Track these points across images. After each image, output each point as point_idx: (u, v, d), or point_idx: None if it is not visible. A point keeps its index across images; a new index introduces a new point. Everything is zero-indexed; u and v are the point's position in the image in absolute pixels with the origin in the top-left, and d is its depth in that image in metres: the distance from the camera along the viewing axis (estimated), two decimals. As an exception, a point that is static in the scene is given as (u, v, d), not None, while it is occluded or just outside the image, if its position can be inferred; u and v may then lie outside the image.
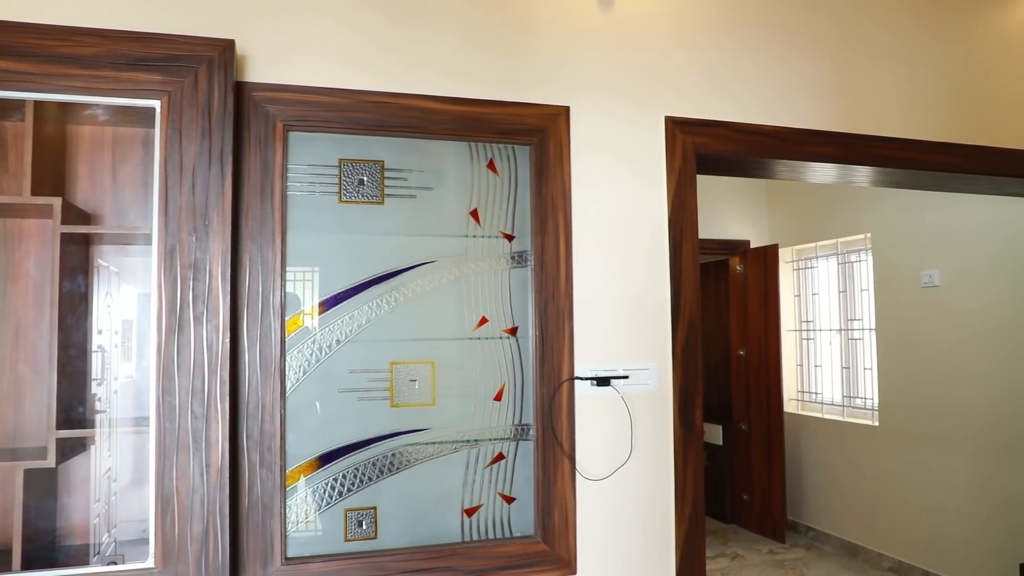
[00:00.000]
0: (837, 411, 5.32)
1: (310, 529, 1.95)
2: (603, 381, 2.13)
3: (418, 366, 2.04)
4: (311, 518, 1.95)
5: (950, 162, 2.68)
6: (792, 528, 5.59)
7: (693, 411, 2.23)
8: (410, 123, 2.03)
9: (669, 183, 2.26)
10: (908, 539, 4.59)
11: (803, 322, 5.71)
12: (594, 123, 2.21)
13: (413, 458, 2.03)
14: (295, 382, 1.95)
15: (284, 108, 1.94)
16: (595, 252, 2.19)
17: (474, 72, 2.11)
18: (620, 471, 2.17)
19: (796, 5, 2.53)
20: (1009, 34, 2.91)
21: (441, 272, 2.07)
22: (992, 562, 3.98)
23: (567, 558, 2.09)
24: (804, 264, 5.68)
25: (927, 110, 2.70)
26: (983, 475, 4.06)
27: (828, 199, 5.26)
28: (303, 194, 1.99)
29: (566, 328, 2.11)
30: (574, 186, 2.17)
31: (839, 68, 2.57)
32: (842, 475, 5.15)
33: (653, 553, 2.21)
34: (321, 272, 1.99)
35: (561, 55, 2.20)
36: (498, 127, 2.09)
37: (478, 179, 2.12)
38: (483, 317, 2.10)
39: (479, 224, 2.11)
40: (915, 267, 4.51)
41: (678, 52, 2.35)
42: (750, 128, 2.38)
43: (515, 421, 2.11)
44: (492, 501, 2.09)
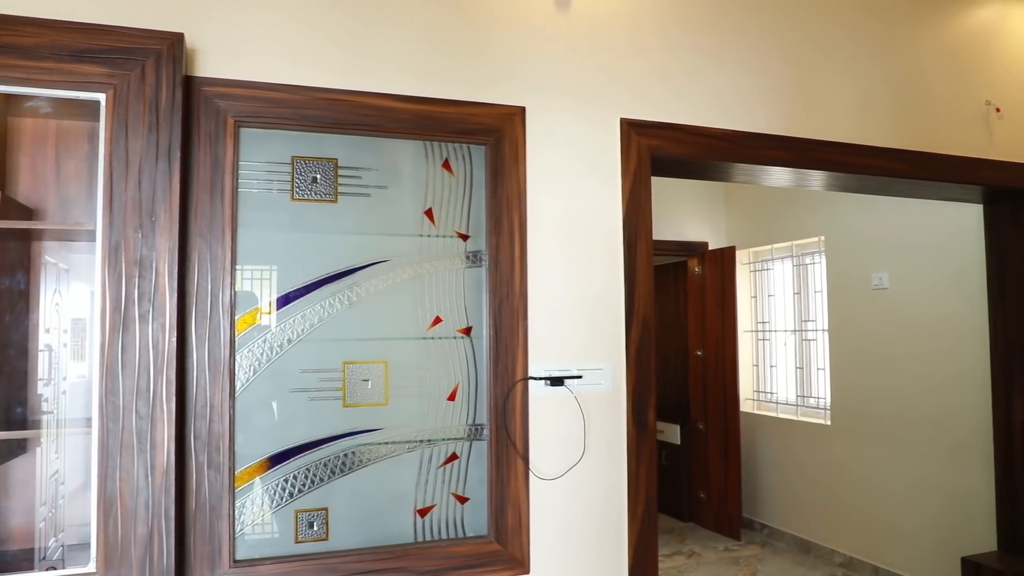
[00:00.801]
0: (791, 411, 5.42)
1: (260, 531, 1.92)
2: (557, 381, 2.14)
3: (371, 366, 2.03)
4: (261, 520, 1.93)
5: (895, 167, 2.75)
6: (748, 526, 5.68)
7: (646, 411, 2.25)
8: (365, 121, 2.01)
9: (624, 184, 2.28)
10: (858, 535, 4.70)
11: (759, 323, 5.81)
12: (550, 124, 2.22)
13: (366, 458, 2.02)
14: (245, 382, 1.92)
15: (235, 104, 1.91)
16: (550, 252, 2.20)
17: (430, 71, 2.11)
18: (573, 470, 2.18)
19: (750, 11, 2.57)
20: (952, 45, 3.00)
21: (395, 271, 2.06)
22: (937, 555, 4.10)
23: (520, 557, 2.09)
24: (760, 266, 5.78)
25: (874, 116, 2.77)
26: (929, 471, 4.18)
27: (784, 202, 5.36)
28: (255, 191, 1.96)
29: (520, 328, 2.11)
30: (529, 186, 2.17)
31: (790, 74, 2.62)
32: (796, 474, 5.25)
33: (606, 551, 2.22)
34: (273, 271, 1.97)
35: (517, 55, 2.21)
36: (454, 126, 2.09)
37: (433, 178, 2.12)
38: (437, 317, 2.09)
39: (434, 224, 2.11)
40: (866, 270, 4.62)
41: (634, 54, 2.37)
42: (704, 131, 2.41)
43: (469, 421, 2.11)
44: (445, 501, 2.08)
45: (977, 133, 3.01)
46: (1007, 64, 3.12)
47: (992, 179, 3.01)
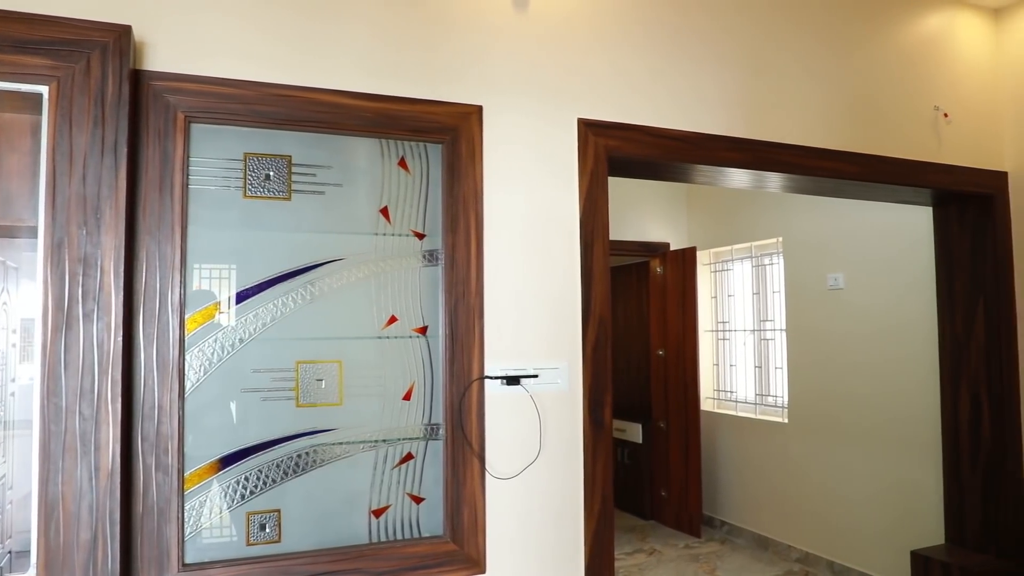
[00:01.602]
0: (750, 409, 5.50)
1: (210, 534, 1.89)
2: (513, 380, 2.15)
3: (325, 365, 2.01)
4: (211, 522, 1.89)
5: (847, 170, 2.81)
6: (708, 523, 5.75)
7: (602, 409, 2.27)
8: (319, 118, 1.99)
9: (581, 184, 2.29)
10: (814, 531, 4.78)
11: (719, 323, 5.88)
12: (507, 123, 2.22)
13: (319, 459, 2.00)
14: (196, 382, 1.89)
15: (186, 99, 1.88)
16: (507, 252, 2.20)
17: (386, 69, 2.09)
18: (529, 469, 2.18)
19: (708, 15, 2.60)
20: (904, 50, 3.07)
21: (350, 270, 2.05)
22: (888, 549, 4.19)
23: (476, 557, 2.09)
24: (720, 266, 5.86)
25: (827, 120, 2.83)
26: (881, 468, 4.27)
27: (743, 204, 5.44)
28: (206, 188, 1.92)
29: (477, 327, 2.11)
30: (486, 186, 2.17)
31: (746, 77, 2.66)
32: (755, 471, 5.33)
33: (562, 550, 2.23)
34: (224, 269, 1.93)
35: (475, 54, 2.21)
36: (410, 125, 2.08)
37: (389, 177, 2.10)
38: (392, 316, 2.08)
39: (389, 222, 2.09)
40: (822, 270, 4.71)
41: (591, 55, 2.38)
42: (661, 132, 2.44)
43: (425, 421, 2.10)
44: (400, 501, 2.07)
45: (926, 137, 3.09)
46: (955, 71, 3.21)
47: (940, 182, 3.09)
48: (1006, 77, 3.32)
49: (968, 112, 3.23)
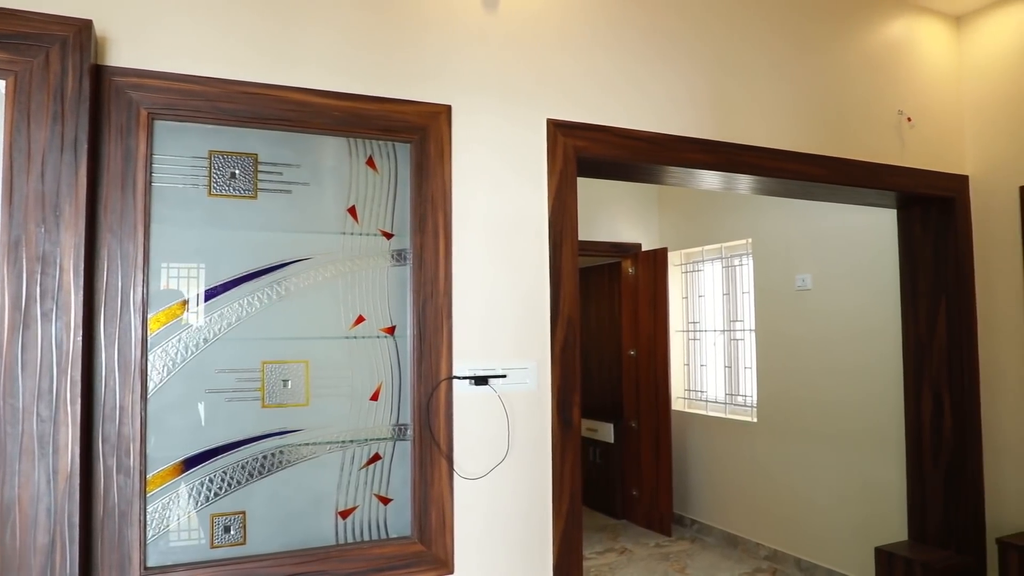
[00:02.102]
0: (720, 409, 5.56)
1: (173, 537, 1.86)
2: (481, 380, 2.15)
3: (291, 365, 1.99)
4: (175, 525, 1.87)
5: (814, 172, 2.85)
6: (678, 522, 5.79)
7: (571, 409, 2.28)
8: (286, 116, 1.97)
9: (550, 184, 2.30)
10: (782, 529, 4.85)
11: (690, 323, 5.93)
12: (476, 123, 2.22)
13: (285, 460, 1.98)
14: (158, 382, 1.86)
15: (149, 95, 1.85)
16: (475, 251, 2.20)
17: (355, 67, 2.08)
18: (497, 469, 2.18)
19: (676, 16, 2.63)
20: (869, 55, 3.12)
21: (317, 270, 2.03)
22: (853, 546, 4.26)
23: (444, 558, 2.09)
24: (691, 267, 5.91)
25: (794, 123, 2.87)
26: (847, 466, 4.34)
27: (714, 205, 5.49)
28: (170, 186, 1.90)
29: (445, 327, 2.11)
30: (455, 185, 2.17)
31: (715, 80, 2.68)
32: (725, 470, 5.38)
33: (531, 549, 2.23)
34: (189, 268, 1.91)
35: (444, 54, 2.20)
36: (378, 124, 2.07)
37: (357, 176, 2.09)
38: (360, 316, 2.07)
39: (357, 221, 2.08)
40: (790, 271, 4.77)
41: (561, 56, 2.39)
42: (630, 133, 2.45)
43: (392, 421, 2.09)
44: (368, 502, 2.06)
45: (890, 141, 3.14)
46: (918, 76, 3.27)
47: (903, 185, 3.15)
48: (967, 83, 3.40)
49: (931, 117, 3.29)
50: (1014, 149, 3.21)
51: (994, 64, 3.29)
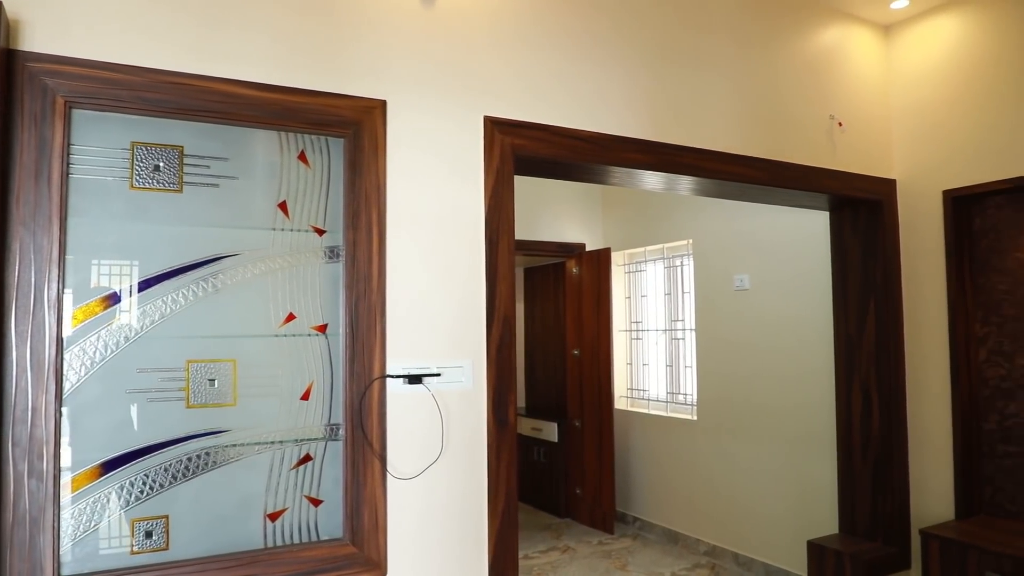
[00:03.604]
0: (662, 407, 5.63)
1: (91, 543, 1.79)
2: (415, 379, 2.12)
3: (218, 364, 1.93)
4: (92, 531, 1.79)
5: (748, 174, 2.91)
6: (621, 519, 5.85)
7: (507, 408, 2.27)
8: (214, 108, 1.91)
9: (487, 183, 2.29)
10: (721, 524, 4.94)
11: (633, 323, 6.00)
12: (412, 119, 2.20)
13: (212, 462, 1.92)
14: (75, 382, 1.78)
15: (66, 82, 1.77)
16: (410, 249, 2.17)
17: (287, 59, 2.03)
18: (432, 469, 2.16)
19: (616, 17, 2.64)
20: (803, 61, 3.20)
21: (245, 266, 1.98)
22: (788, 540, 4.37)
23: (377, 559, 2.06)
24: (634, 267, 5.97)
25: (730, 125, 2.92)
26: (782, 462, 4.44)
27: (656, 206, 5.56)
28: (89, 178, 1.82)
29: (378, 325, 2.08)
30: (390, 182, 2.14)
31: (653, 80, 2.71)
32: (666, 467, 5.45)
33: (466, 549, 2.22)
34: (109, 263, 1.83)
35: (380, 48, 2.17)
36: (310, 117, 2.03)
37: (288, 170, 2.04)
38: (290, 313, 2.02)
39: (288, 217, 2.03)
40: (729, 272, 4.87)
41: (500, 53, 2.38)
42: (568, 132, 2.46)
43: (324, 421, 2.05)
44: (298, 504, 2.01)
45: (822, 145, 3.23)
46: (849, 83, 3.37)
47: (834, 188, 3.23)
48: (895, 90, 3.51)
49: (860, 122, 3.39)
50: (938, 155, 3.33)
51: (920, 73, 3.41)
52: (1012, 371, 3.11)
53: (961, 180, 3.22)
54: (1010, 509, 3.11)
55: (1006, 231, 3.14)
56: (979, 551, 2.77)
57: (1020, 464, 3.07)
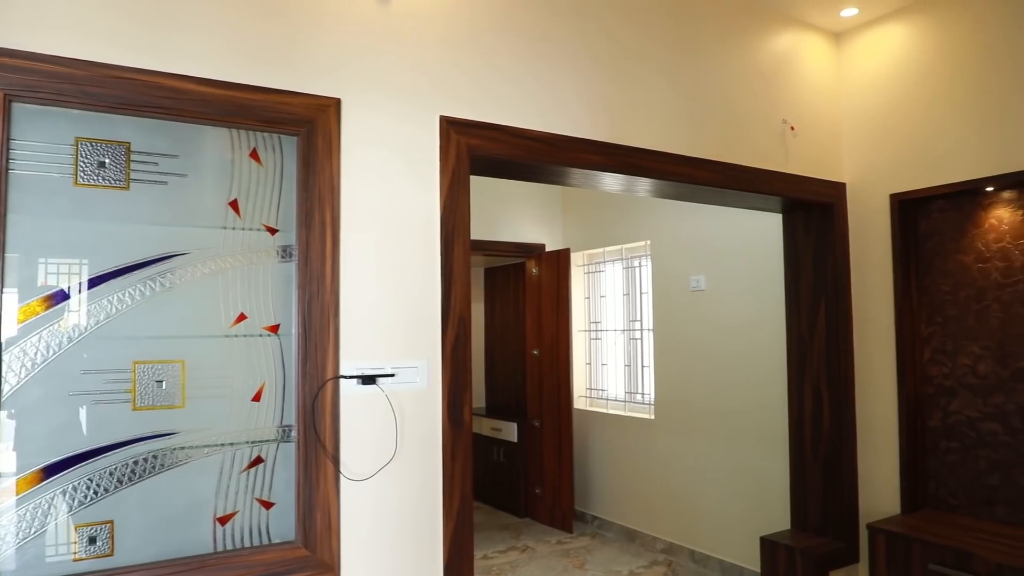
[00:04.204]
0: (620, 407, 5.68)
1: (31, 551, 1.74)
2: (369, 380, 2.10)
3: (166, 365, 1.89)
4: (33, 538, 1.74)
5: (702, 176, 2.95)
6: (580, 518, 5.88)
7: (462, 408, 2.26)
8: (162, 104, 1.87)
9: (442, 182, 2.28)
10: (677, 522, 5.00)
11: (592, 323, 6.04)
12: (367, 117, 2.18)
13: (159, 465, 1.88)
14: (15, 384, 1.73)
15: (7, 75, 1.72)
16: (365, 249, 2.15)
17: (238, 55, 2.00)
18: (386, 470, 2.15)
19: (572, 20, 2.66)
20: (757, 65, 3.26)
21: (195, 265, 1.94)
22: (742, 536, 4.44)
23: (330, 562, 2.03)
24: (593, 268, 6.02)
25: (684, 127, 2.96)
26: (737, 460, 4.52)
27: (615, 207, 5.61)
28: (30, 174, 1.77)
29: (331, 326, 2.05)
30: (344, 180, 2.12)
31: (608, 82, 2.73)
32: (624, 466, 5.50)
33: (421, 550, 2.21)
34: (52, 262, 1.78)
35: (334, 46, 2.15)
36: (263, 115, 2.00)
37: (239, 168, 2.01)
38: (241, 313, 1.99)
39: (239, 216, 2.00)
40: (685, 273, 4.93)
41: (456, 53, 2.38)
42: (524, 133, 2.46)
43: (276, 422, 2.03)
44: (249, 507, 1.98)
45: (775, 148, 3.29)
46: (801, 88, 3.44)
47: (787, 191, 3.30)
48: (845, 96, 3.60)
49: (812, 126, 3.47)
50: (886, 159, 3.42)
51: (869, 79, 3.50)
52: (954, 370, 3.21)
53: (907, 184, 3.31)
54: (952, 503, 3.21)
55: (949, 234, 3.24)
56: (922, 544, 2.85)
57: (961, 460, 3.18)
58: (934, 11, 3.24)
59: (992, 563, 2.63)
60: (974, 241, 3.15)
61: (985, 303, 3.11)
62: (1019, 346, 2.99)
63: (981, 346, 3.12)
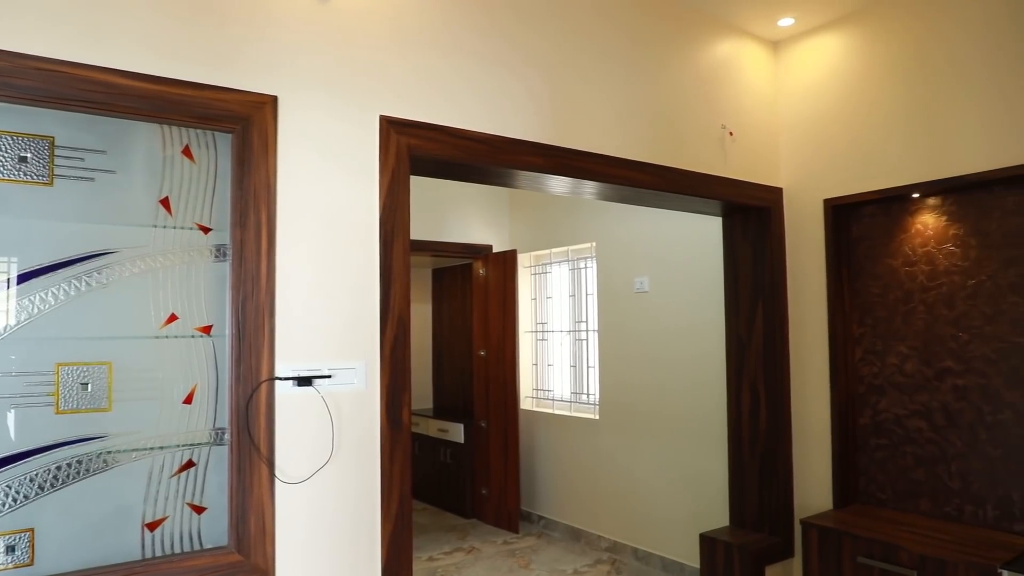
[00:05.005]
0: (566, 407, 5.73)
1: (-55, 560, 1.67)
2: (305, 381, 2.08)
3: (92, 367, 1.84)
4: (-54, 547, 1.67)
5: (642, 179, 3.00)
6: (526, 518, 5.91)
7: (400, 409, 2.25)
8: (89, 98, 1.81)
9: (382, 182, 2.27)
10: (621, 521, 5.06)
11: (538, 324, 6.07)
12: (305, 116, 2.15)
13: (84, 470, 1.82)
14: (-73, 388, 1.66)
15: (-81, 65, 1.64)
16: (301, 248, 2.12)
17: (170, 49, 1.95)
18: (323, 473, 2.12)
19: (513, 21, 2.67)
20: (697, 72, 3.33)
21: (123, 264, 1.88)
22: (684, 533, 4.52)
23: (264, 566, 2.00)
24: (540, 269, 6.05)
25: (625, 131, 3.00)
26: (679, 458, 4.60)
27: (562, 209, 5.65)
28: (-55, 168, 1.70)
29: (266, 326, 2.02)
30: (280, 179, 2.09)
31: (550, 85, 2.75)
32: (570, 466, 5.55)
33: (359, 552, 2.19)
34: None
35: (272, 43, 2.11)
36: (196, 111, 1.95)
37: (171, 165, 1.96)
38: (172, 314, 1.94)
39: (171, 214, 1.95)
40: (630, 274, 5.00)
41: (396, 53, 2.36)
42: (465, 134, 2.46)
43: (209, 425, 1.98)
44: (179, 512, 1.94)
45: (714, 153, 3.36)
46: (740, 94, 3.52)
47: (726, 195, 3.37)
48: (782, 103, 3.70)
49: (750, 132, 3.55)
50: (820, 166, 3.52)
51: (805, 88, 3.60)
52: (883, 369, 3.33)
53: (840, 190, 3.42)
54: (881, 498, 3.32)
55: (879, 239, 3.36)
56: (852, 538, 2.95)
57: (889, 456, 3.29)
58: (867, 23, 3.35)
59: (916, 555, 2.73)
60: (902, 245, 3.27)
61: (912, 305, 3.23)
62: (942, 346, 3.11)
63: (908, 346, 3.24)
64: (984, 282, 2.99)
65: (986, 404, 2.97)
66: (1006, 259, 2.93)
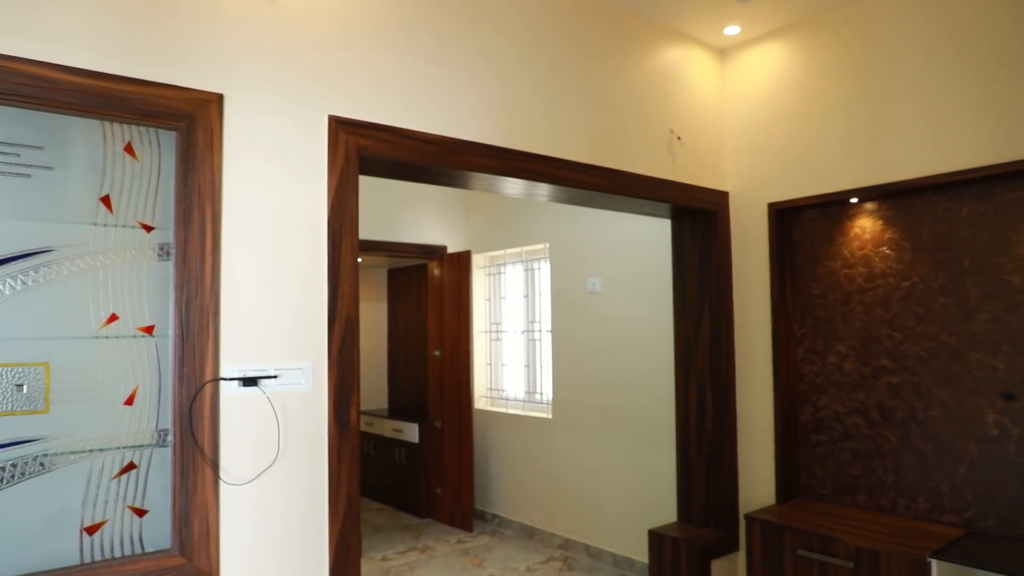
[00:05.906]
0: (520, 406, 5.76)
1: None
2: (251, 381, 2.06)
3: (27, 368, 1.80)
4: None
5: (593, 182, 3.04)
6: (480, 517, 5.92)
7: (348, 409, 2.25)
8: (23, 92, 1.78)
9: (330, 182, 2.26)
10: (573, 518, 5.12)
11: (493, 324, 6.10)
12: (252, 114, 2.14)
13: (19, 474, 1.78)
14: None
15: None
16: (247, 248, 2.11)
17: (111, 44, 1.91)
18: (269, 474, 2.11)
19: (465, 23, 2.69)
20: (647, 77, 3.39)
21: (61, 263, 1.85)
22: (633, 530, 4.59)
23: (208, 569, 1.98)
24: (495, 269, 6.07)
25: (576, 134, 3.04)
26: (629, 456, 4.67)
27: (516, 210, 5.68)
28: None
29: (211, 326, 2.00)
30: (226, 178, 2.07)
31: (501, 87, 2.78)
32: (523, 465, 5.58)
33: (306, 554, 2.18)
34: None
35: (218, 40, 2.09)
36: (138, 108, 1.92)
37: (112, 162, 1.93)
38: (113, 314, 1.91)
39: (111, 212, 1.92)
40: (582, 275, 5.06)
41: (346, 52, 2.36)
42: (415, 135, 2.47)
43: (151, 427, 1.96)
44: (120, 515, 1.91)
45: (662, 157, 3.43)
46: (688, 99, 3.60)
47: (673, 198, 3.44)
48: (728, 109, 3.79)
49: (697, 137, 3.63)
50: (764, 171, 3.62)
51: (750, 94, 3.70)
52: (823, 368, 3.44)
53: (783, 194, 3.52)
54: (820, 492, 3.43)
55: (819, 242, 3.47)
56: (792, 531, 3.04)
57: (828, 451, 3.40)
58: (809, 34, 3.45)
59: (852, 547, 2.83)
60: (841, 248, 3.39)
61: (850, 306, 3.34)
62: (878, 346, 3.23)
63: (847, 346, 3.35)
64: (917, 284, 3.12)
65: (918, 401, 3.09)
66: (936, 262, 3.05)
